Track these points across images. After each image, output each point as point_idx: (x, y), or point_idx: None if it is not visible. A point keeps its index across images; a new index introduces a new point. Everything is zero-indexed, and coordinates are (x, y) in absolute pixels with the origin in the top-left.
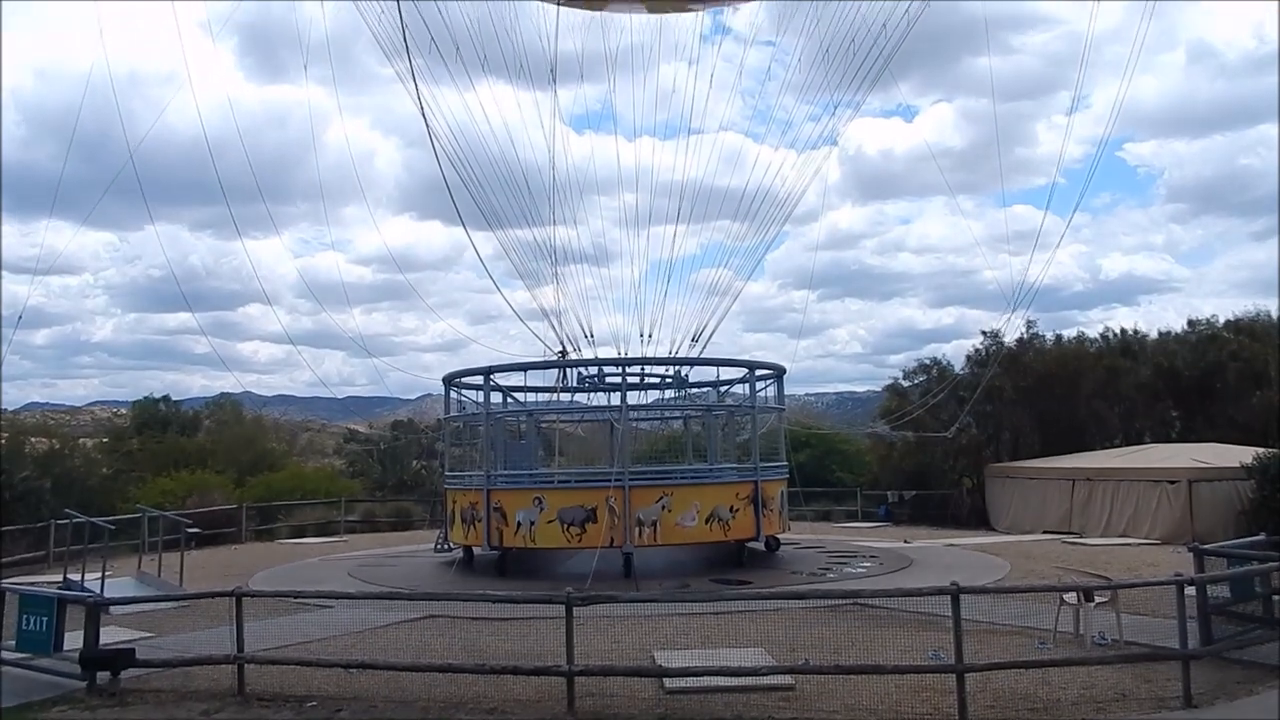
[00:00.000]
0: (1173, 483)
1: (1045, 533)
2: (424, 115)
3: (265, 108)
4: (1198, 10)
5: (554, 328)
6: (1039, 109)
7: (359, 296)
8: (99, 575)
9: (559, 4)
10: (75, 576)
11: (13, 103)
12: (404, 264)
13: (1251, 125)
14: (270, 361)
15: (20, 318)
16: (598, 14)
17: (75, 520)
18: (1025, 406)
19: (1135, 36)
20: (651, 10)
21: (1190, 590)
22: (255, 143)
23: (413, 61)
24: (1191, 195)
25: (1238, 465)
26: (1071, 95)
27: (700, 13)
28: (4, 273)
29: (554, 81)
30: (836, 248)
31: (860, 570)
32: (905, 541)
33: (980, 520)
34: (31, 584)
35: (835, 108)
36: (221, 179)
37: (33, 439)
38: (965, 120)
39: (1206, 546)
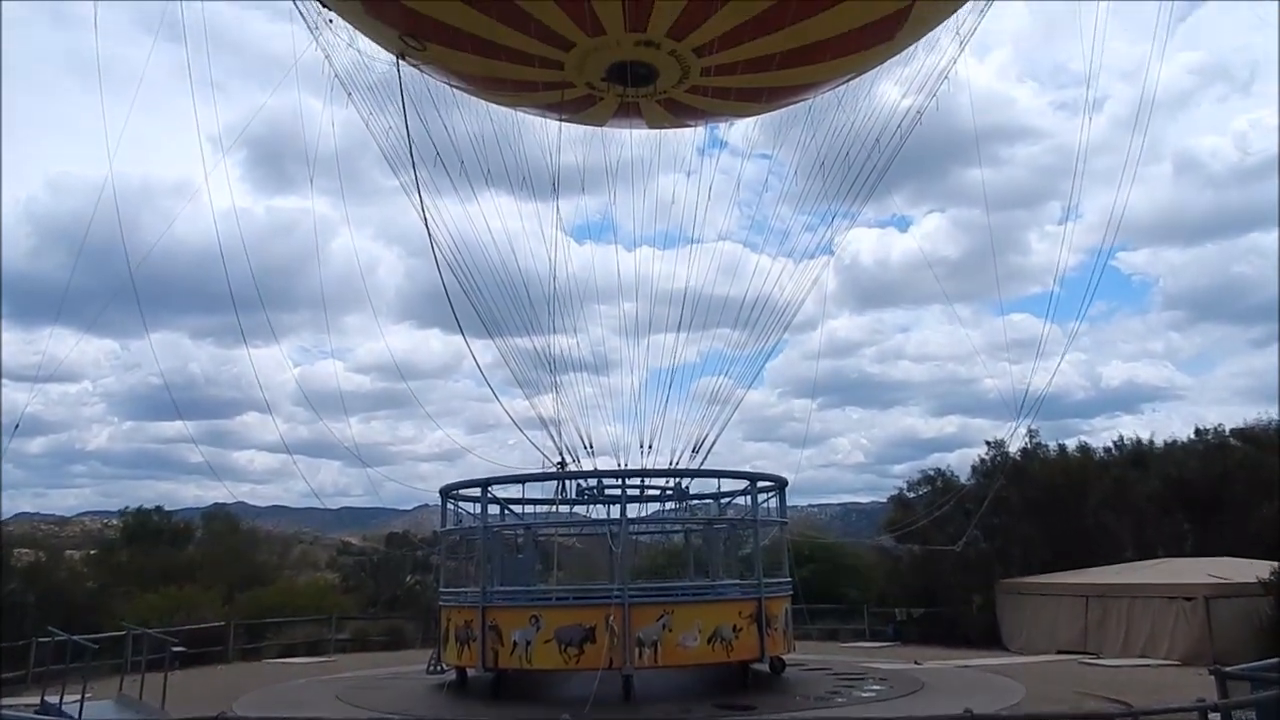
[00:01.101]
0: (1189, 599)
1: (1060, 652)
2: (427, 226)
3: (272, 218)
4: (1182, 124)
5: (553, 438)
6: (1031, 218)
7: (357, 405)
8: (79, 697)
9: (561, 119)
10: (54, 699)
11: (24, 213)
12: (403, 372)
13: (1243, 234)
14: (265, 471)
15: (17, 427)
16: (599, 129)
17: (57, 639)
18: (1033, 518)
19: (1126, 151)
20: (651, 126)
21: (1214, 716)
22: (261, 252)
23: (417, 174)
24: (1188, 303)
25: (1255, 580)
26: (1062, 205)
27: (698, 127)
28: (4, 380)
29: (556, 193)
30: (836, 356)
31: (870, 694)
32: (916, 663)
33: (992, 639)
34: (8, 707)
35: (832, 218)
36: (225, 288)
37: (19, 550)
38: (959, 230)
39: (1229, 669)
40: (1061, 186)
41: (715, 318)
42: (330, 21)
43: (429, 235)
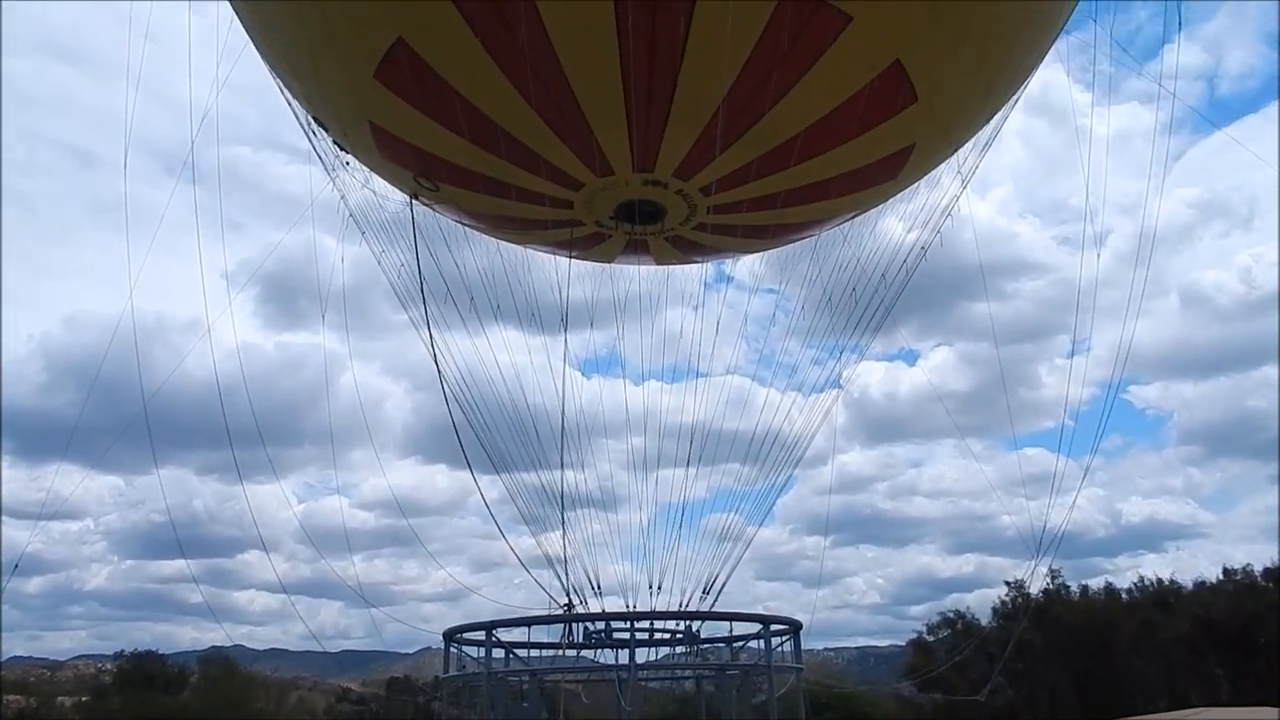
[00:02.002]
0: None
1: None
2: (436, 362)
3: (281, 354)
4: (1185, 259)
5: (559, 578)
6: (1039, 352)
7: (361, 542)
8: None
9: (570, 256)
10: None
11: (38, 350)
12: (409, 509)
13: (1254, 367)
14: (265, 612)
15: (16, 566)
16: (607, 265)
17: None
18: (1059, 663)
19: (1130, 286)
20: (659, 262)
21: None
22: (269, 388)
23: (428, 310)
24: (1204, 438)
25: None
26: (1070, 339)
27: (705, 263)
28: (5, 518)
29: (565, 328)
30: (847, 491)
31: None
32: None
33: None
34: None
35: (840, 352)
36: (232, 425)
37: (9, 697)
38: (967, 363)
39: None
40: (1068, 320)
41: (724, 452)
42: (347, 164)
43: (438, 371)
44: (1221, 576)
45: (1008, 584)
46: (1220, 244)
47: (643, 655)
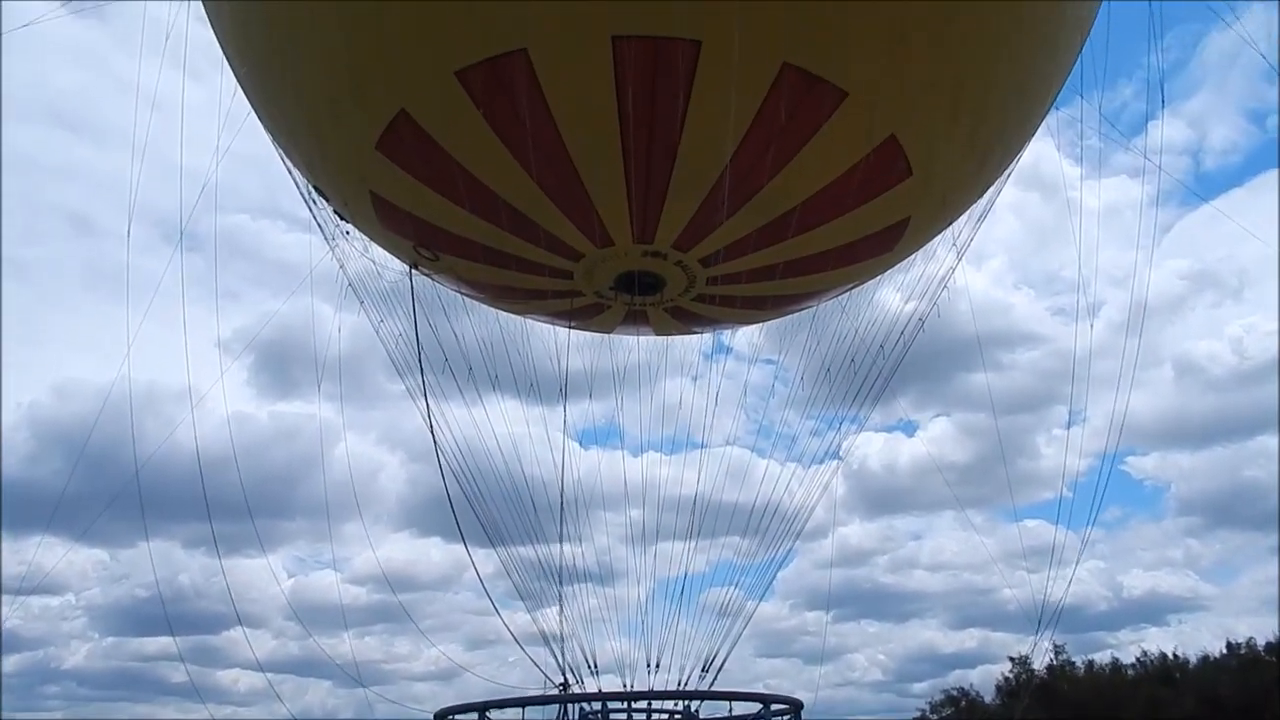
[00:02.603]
0: None
1: None
2: (432, 432)
3: (275, 423)
4: (1178, 329)
5: (555, 656)
6: (1037, 422)
7: (352, 619)
8: None
9: (570, 327)
10: None
11: (26, 418)
12: (402, 584)
13: (1250, 437)
14: (250, 692)
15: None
16: (607, 336)
17: None
18: None
19: (1125, 356)
20: (659, 333)
21: None
22: (262, 459)
23: (425, 380)
24: (1203, 509)
25: None
26: (1067, 409)
27: (703, 334)
28: None
29: (565, 399)
30: (848, 565)
31: None
32: None
33: None
34: None
35: (840, 424)
36: (223, 497)
37: None
38: (966, 434)
39: None
40: (1065, 390)
41: (724, 525)
42: (347, 233)
43: (434, 442)
44: (1225, 651)
45: (1011, 659)
46: (1212, 314)
47: None
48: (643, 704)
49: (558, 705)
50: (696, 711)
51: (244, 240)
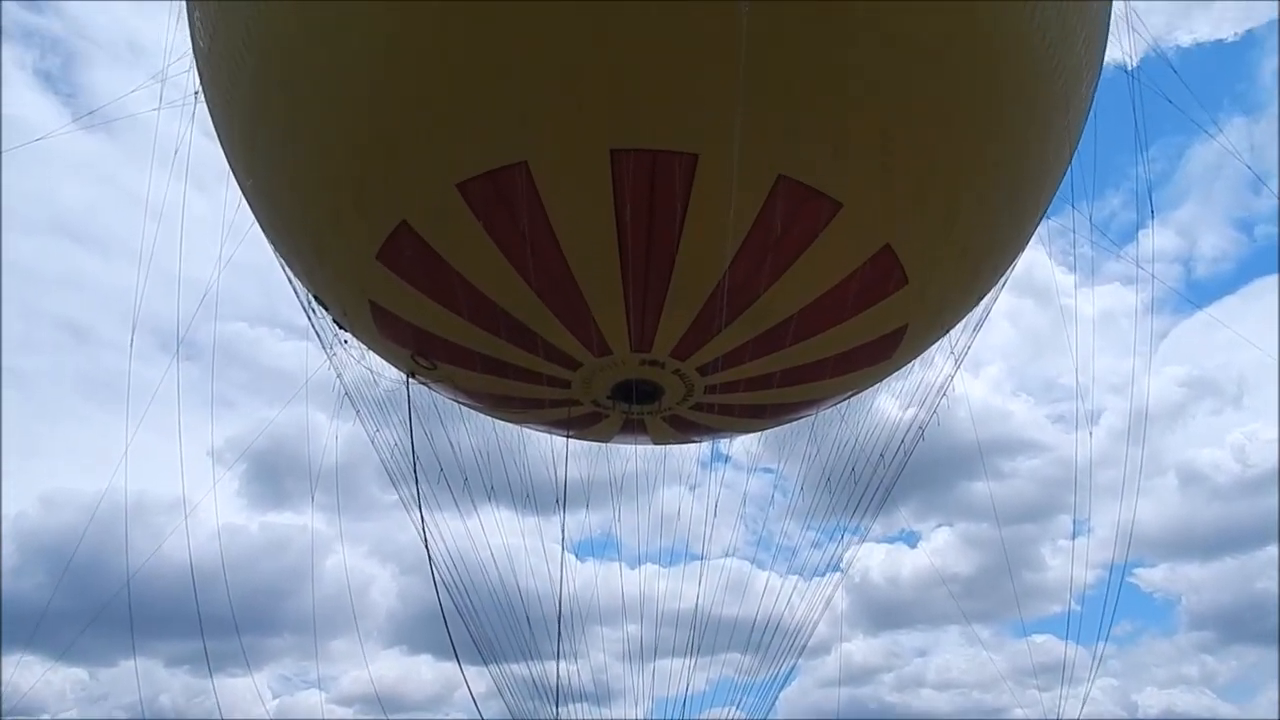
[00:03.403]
0: None
1: None
2: (426, 546)
3: (265, 535)
4: (1179, 437)
5: None
6: (1041, 532)
7: None
8: None
9: (567, 436)
10: None
11: (11, 530)
12: (391, 703)
13: (1258, 548)
14: None
15: None
16: (604, 445)
17: None
18: None
19: (1127, 464)
20: (656, 442)
21: None
22: (251, 572)
23: (420, 491)
24: (1215, 623)
25: None
26: (1071, 519)
27: (702, 442)
28: None
29: (563, 510)
30: (853, 684)
31: None
32: None
33: None
34: None
35: (841, 534)
36: (209, 612)
37: None
38: (969, 545)
39: None
40: (1068, 499)
41: (724, 641)
42: (345, 342)
43: (428, 555)
44: None
45: None
46: (1213, 422)
47: None
48: None
49: None
50: None
51: (241, 348)
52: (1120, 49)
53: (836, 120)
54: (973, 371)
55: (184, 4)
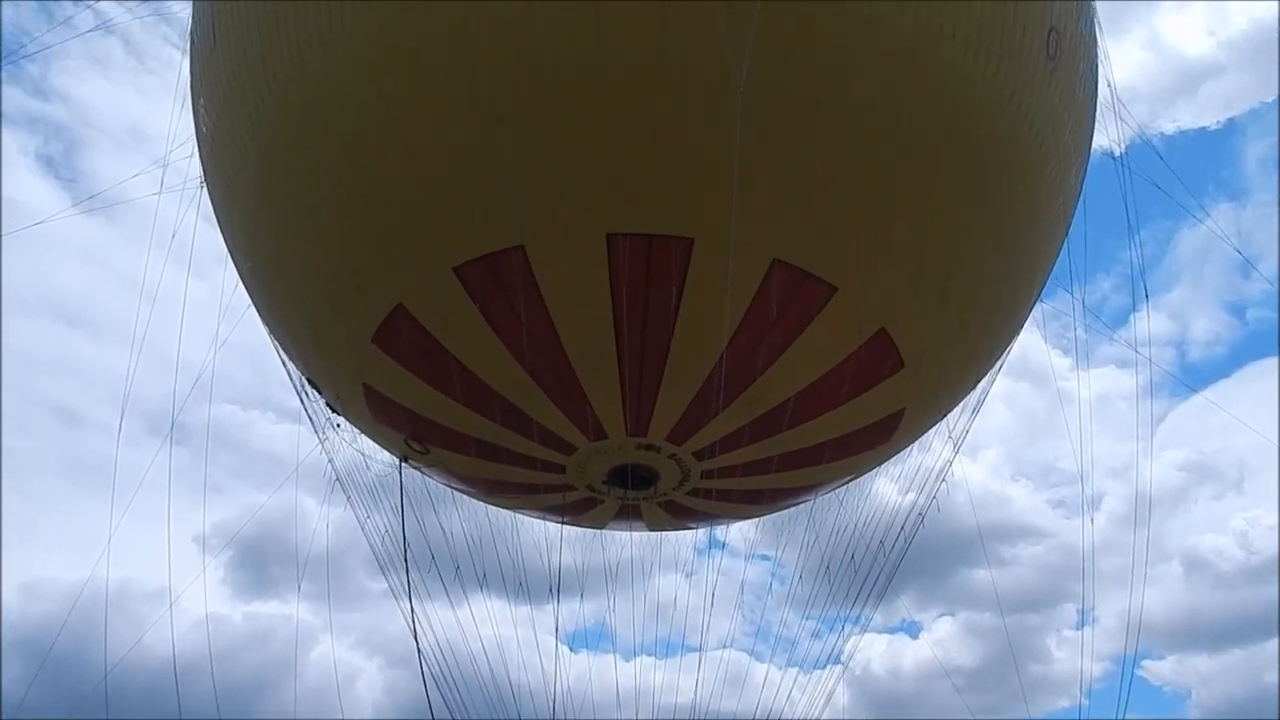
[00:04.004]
0: None
1: None
2: (416, 638)
3: (249, 625)
4: (1182, 522)
5: None
6: (1046, 622)
7: None
8: None
9: (562, 523)
10: None
11: None
12: None
13: (1267, 638)
14: None
15: None
16: (598, 531)
17: None
18: None
19: (1131, 551)
20: (652, 529)
21: None
22: (234, 663)
23: (410, 580)
24: (1226, 716)
25: None
26: (1076, 608)
27: (698, 529)
28: None
29: (557, 600)
30: None
31: None
32: None
33: None
34: None
35: (842, 624)
36: (190, 705)
37: None
38: (972, 635)
39: None
40: (1072, 588)
41: None
42: (338, 426)
43: (418, 648)
44: None
45: None
46: (1214, 507)
47: None
48: None
49: None
50: None
51: (231, 431)
52: (1107, 136)
53: (830, 206)
54: (970, 455)
55: (189, 92)
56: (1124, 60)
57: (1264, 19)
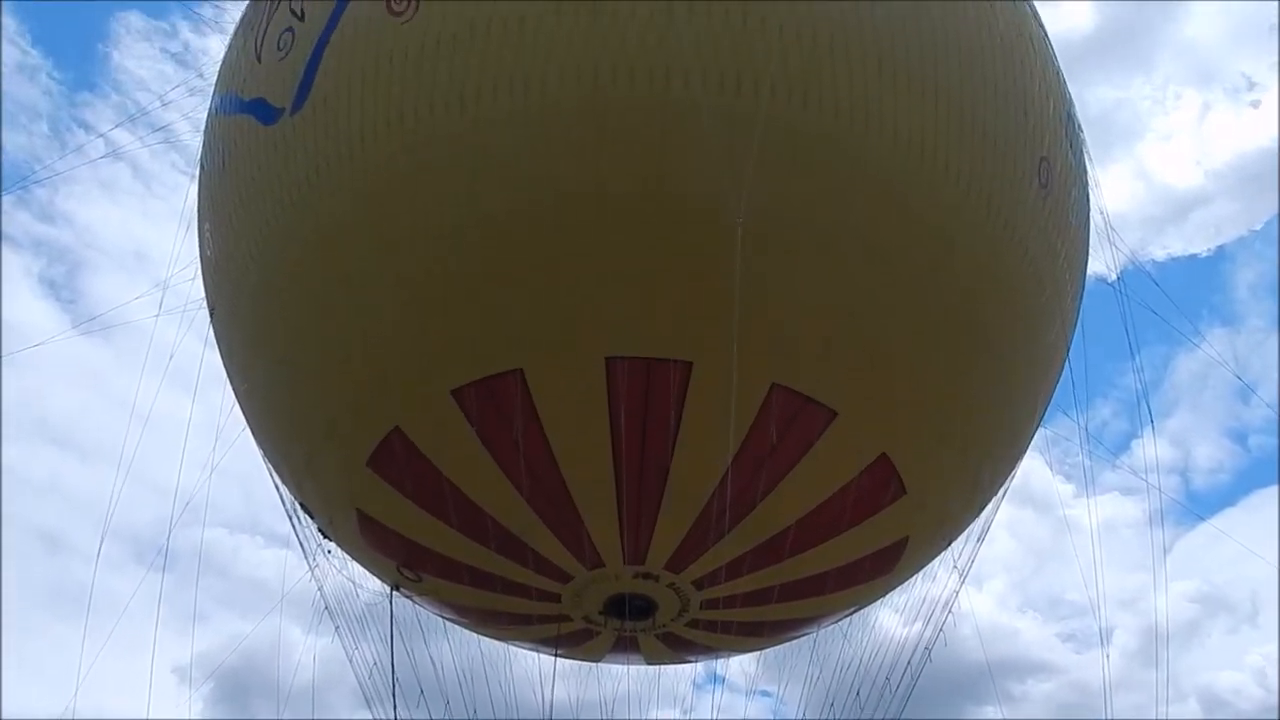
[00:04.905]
0: None
1: None
2: None
3: None
4: (1196, 656)
5: None
6: None
7: None
8: None
9: (556, 655)
10: None
11: None
12: None
13: None
14: None
15: None
16: (594, 664)
17: None
18: None
19: (1145, 689)
20: (650, 662)
21: None
22: None
23: (396, 713)
24: None
25: None
26: None
27: (696, 662)
28: None
29: None
30: None
31: None
32: None
33: None
34: None
35: None
36: None
37: None
38: None
39: None
40: None
41: None
42: (329, 552)
43: None
44: None
45: None
46: (1230, 641)
47: None
48: None
49: None
50: None
51: (218, 556)
52: (1101, 262)
53: (828, 332)
54: (975, 585)
55: (194, 215)
56: (1114, 188)
57: (1248, 150)
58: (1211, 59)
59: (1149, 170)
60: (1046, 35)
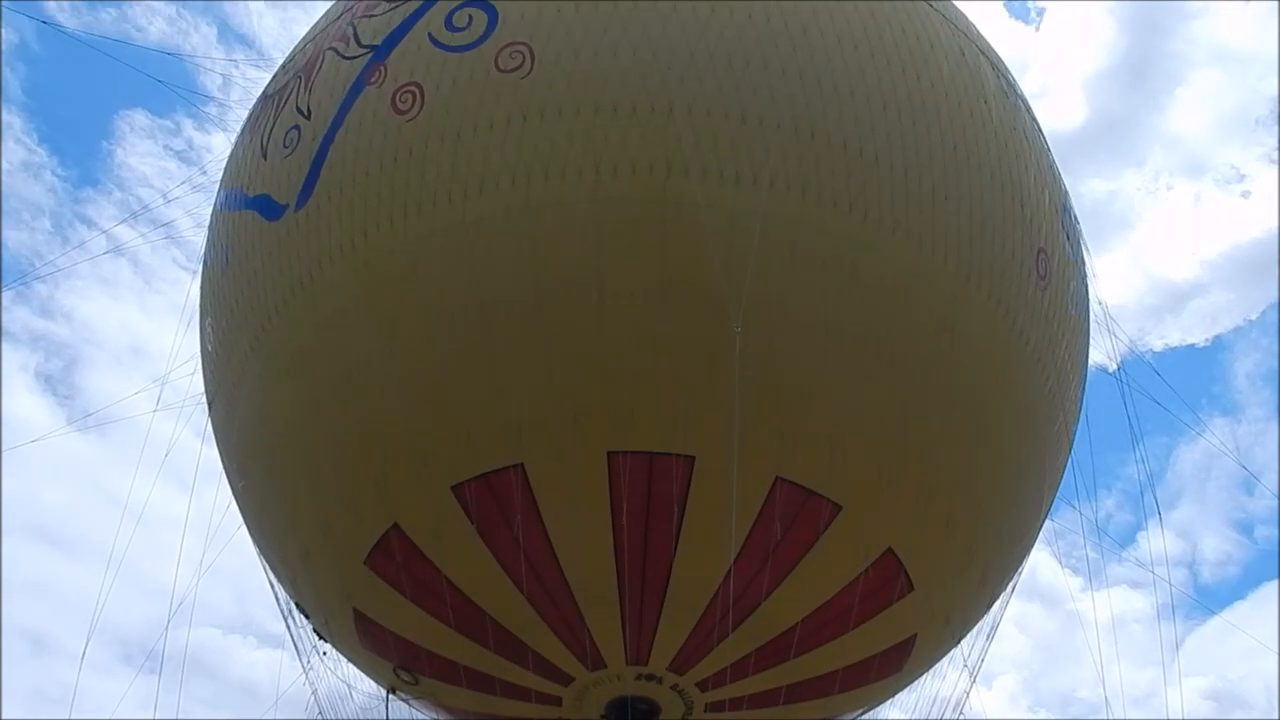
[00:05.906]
0: None
1: None
2: None
3: None
4: None
5: None
6: None
7: None
8: None
9: None
10: None
11: None
12: None
13: None
14: None
15: None
16: None
17: None
18: None
19: None
20: None
21: None
22: None
23: None
24: None
25: None
26: None
27: None
28: None
29: None
30: None
31: None
32: None
33: None
34: None
35: None
36: None
37: None
38: None
39: None
40: None
41: None
42: (325, 653)
43: None
44: None
45: None
46: None
47: None
48: None
49: None
50: None
51: (210, 658)
52: (1102, 352)
53: (831, 426)
54: (985, 683)
55: (196, 311)
56: (1110, 278)
57: (1241, 240)
58: (1199, 151)
59: (1145, 260)
60: (1040, 130)
